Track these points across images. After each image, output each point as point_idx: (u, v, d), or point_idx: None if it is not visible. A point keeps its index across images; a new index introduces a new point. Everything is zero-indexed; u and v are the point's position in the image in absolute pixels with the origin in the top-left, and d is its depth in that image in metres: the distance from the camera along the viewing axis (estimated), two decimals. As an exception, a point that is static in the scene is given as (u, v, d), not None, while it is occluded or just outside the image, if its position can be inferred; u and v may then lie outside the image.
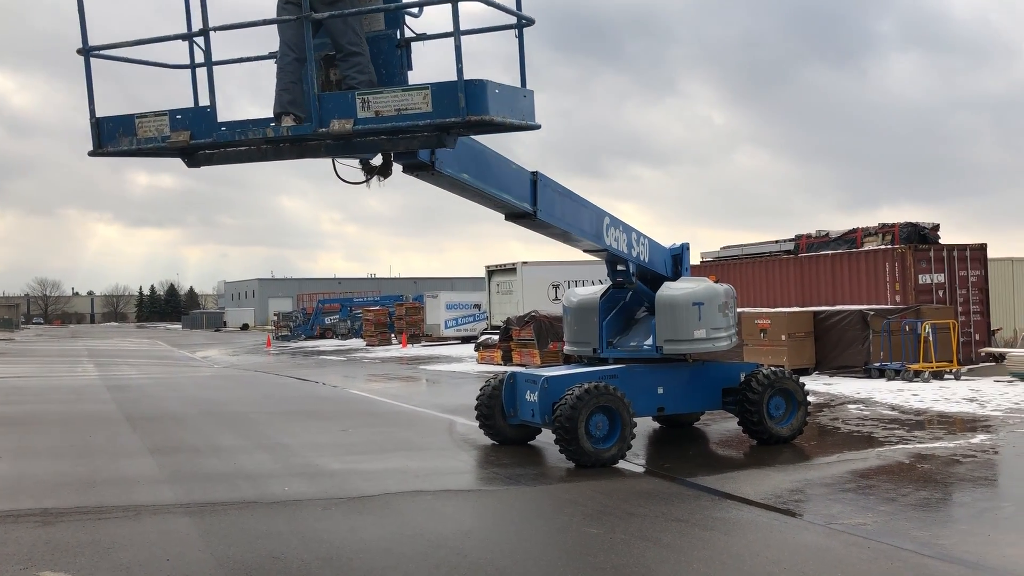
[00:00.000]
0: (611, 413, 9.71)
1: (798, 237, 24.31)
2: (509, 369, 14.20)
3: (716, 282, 11.34)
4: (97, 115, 7.03)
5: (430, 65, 7.49)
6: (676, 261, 11.39)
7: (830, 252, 22.47)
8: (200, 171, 7.61)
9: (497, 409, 10.99)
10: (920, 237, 21.11)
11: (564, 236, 9.94)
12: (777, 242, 25.00)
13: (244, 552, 6.42)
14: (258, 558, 6.27)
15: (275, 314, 68.90)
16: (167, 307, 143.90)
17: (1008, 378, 16.89)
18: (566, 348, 11.73)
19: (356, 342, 47.86)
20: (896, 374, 17.71)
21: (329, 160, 7.45)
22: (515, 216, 9.23)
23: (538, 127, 6.78)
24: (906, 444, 10.55)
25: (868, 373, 18.40)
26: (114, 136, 7.05)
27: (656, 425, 12.49)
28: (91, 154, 7.21)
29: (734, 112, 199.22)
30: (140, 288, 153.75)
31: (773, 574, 5.75)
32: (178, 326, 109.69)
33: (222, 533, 6.98)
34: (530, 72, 6.89)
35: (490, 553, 6.35)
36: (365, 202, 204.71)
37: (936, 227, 21.61)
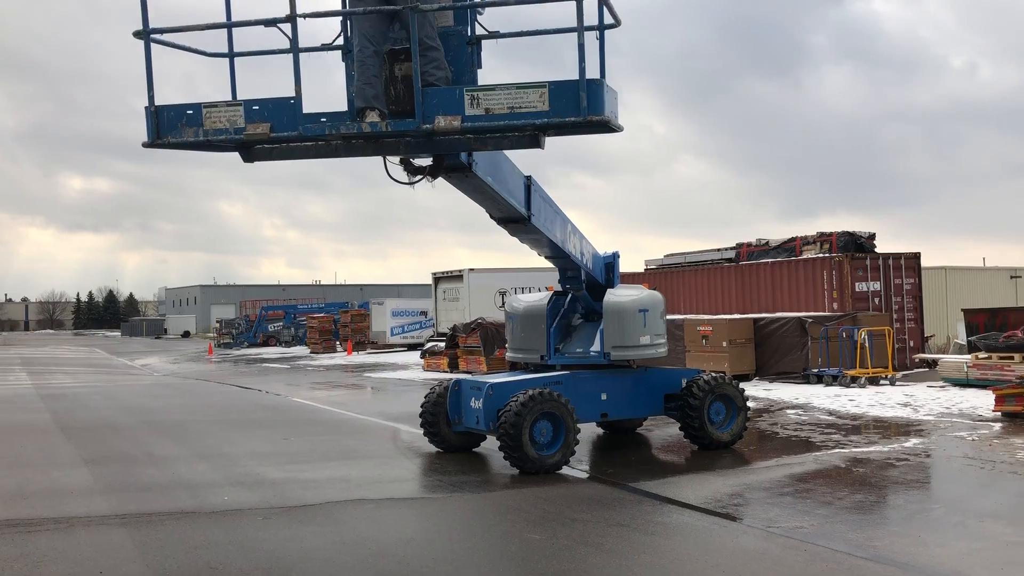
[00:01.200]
0: (555, 419, 9.76)
1: (739, 245, 24.73)
2: (454, 376, 14.17)
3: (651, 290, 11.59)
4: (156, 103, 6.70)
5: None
6: (608, 269, 11.51)
7: (770, 260, 22.90)
8: (135, 175, 7.45)
9: (442, 416, 10.96)
10: (857, 246, 21.63)
11: (539, 242, 9.95)
12: (719, 250, 25.40)
13: (181, 563, 6.31)
14: (195, 569, 6.16)
15: (217, 321, 67.74)
16: (106, 314, 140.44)
17: (940, 383, 17.37)
18: (510, 355, 11.76)
19: (300, 350, 47.31)
20: (834, 380, 18.10)
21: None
22: (509, 220, 9.21)
23: (623, 129, 6.70)
24: (842, 448, 10.78)
25: (807, 379, 18.76)
26: (175, 126, 6.70)
27: (600, 431, 12.58)
28: (147, 145, 6.82)
29: (674, 122, 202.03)
30: (77, 294, 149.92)
31: (712, 577, 5.83)
32: (117, 333, 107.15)
33: (158, 544, 6.85)
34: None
35: (432, 561, 6.33)
36: (307, 208, 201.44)
37: (872, 236, 22.17)
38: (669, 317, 21.98)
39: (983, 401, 13.98)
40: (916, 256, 21.86)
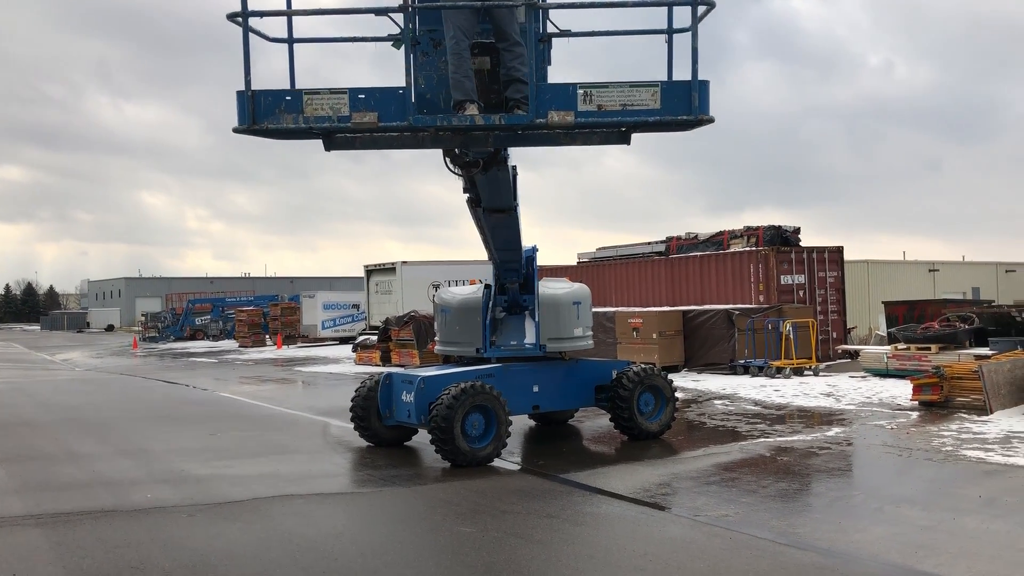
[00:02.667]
0: (487, 412, 9.76)
1: (669, 239, 25.08)
2: (386, 370, 14.07)
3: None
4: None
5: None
6: (529, 263, 11.56)
7: (699, 254, 23.28)
8: (49, 163, 7.16)
9: (373, 410, 10.87)
10: (782, 240, 22.12)
11: (509, 233, 9.96)
12: (649, 244, 25.73)
13: (100, 563, 6.13)
14: (115, 569, 6.00)
15: (143, 315, 66.07)
16: (24, 307, 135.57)
17: (862, 374, 17.89)
18: (442, 348, 11.67)
19: (229, 343, 46.43)
20: (760, 370, 18.49)
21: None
22: (498, 210, 9.22)
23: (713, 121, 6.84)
24: (767, 438, 11.03)
25: (733, 370, 19.14)
26: (272, 112, 6.47)
27: (532, 423, 12.63)
28: (239, 131, 6.56)
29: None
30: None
31: (640, 567, 5.90)
32: (36, 327, 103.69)
33: (76, 544, 6.64)
34: (395, 68, 6.88)
35: (361, 556, 6.27)
36: (232, 198, 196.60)
37: (797, 230, 22.69)
38: (602, 310, 22.26)
39: (902, 391, 14.44)
40: (839, 250, 22.44)
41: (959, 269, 43.91)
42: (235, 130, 6.62)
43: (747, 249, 22.03)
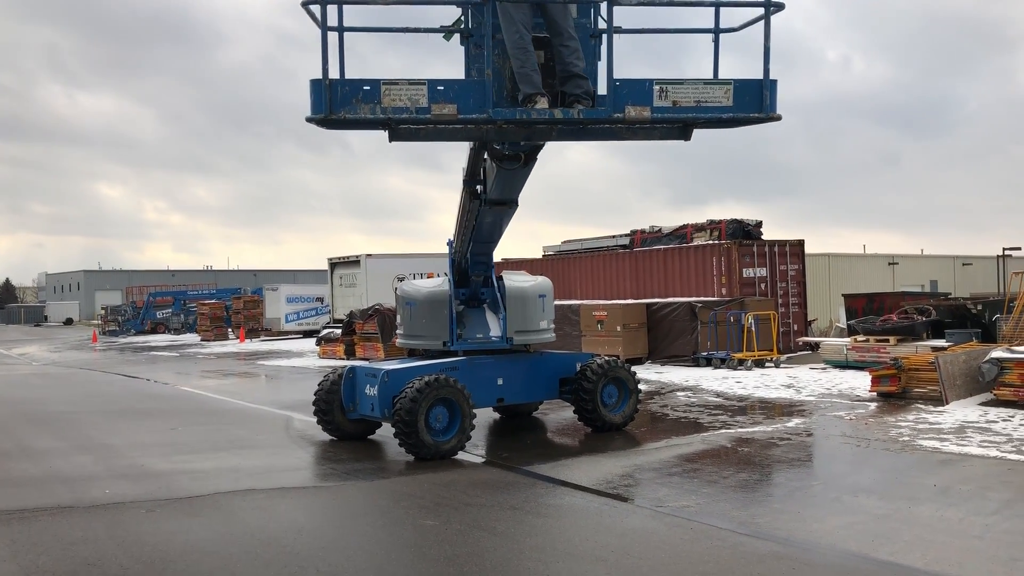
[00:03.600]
0: (451, 405, 9.75)
1: (633, 232, 25.20)
2: (350, 363, 14.00)
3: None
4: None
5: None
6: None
7: (662, 247, 23.42)
8: (1, 153, 6.94)
9: (336, 404, 10.81)
10: (745, 233, 22.33)
11: (497, 225, 9.99)
12: (614, 237, 25.83)
13: (56, 560, 6.04)
14: (71, 566, 5.91)
15: (103, 308, 65.08)
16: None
17: (822, 365, 18.13)
18: (406, 341, 11.58)
19: (191, 337, 45.91)
20: (722, 362, 18.67)
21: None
22: (501, 202, 9.23)
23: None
24: (729, 429, 11.14)
25: (696, 362, 19.30)
26: (349, 101, 6.34)
27: (496, 416, 12.64)
28: (313, 120, 6.43)
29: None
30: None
31: (601, 557, 5.93)
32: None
33: (31, 541, 6.53)
34: (354, 58, 6.84)
35: (323, 550, 6.24)
36: (191, 190, 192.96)
37: (759, 224, 22.92)
38: (567, 302, 22.33)
39: (861, 382, 14.66)
40: (800, 243, 22.70)
41: (918, 262, 44.65)
42: (309, 119, 6.53)
43: (710, 242, 22.21)
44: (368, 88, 6.46)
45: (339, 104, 6.44)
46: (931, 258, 46.49)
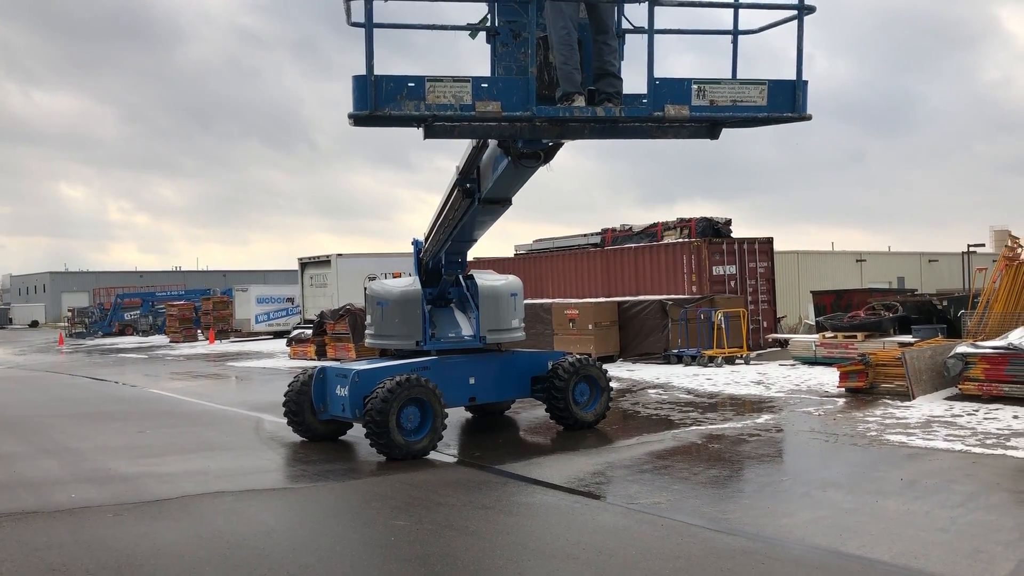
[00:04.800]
0: (422, 405, 9.72)
1: (604, 231, 25.30)
2: (320, 364, 13.91)
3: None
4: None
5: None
6: None
7: (633, 245, 23.53)
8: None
9: (306, 405, 10.74)
10: (714, 231, 22.49)
11: (484, 224, 9.95)
12: (585, 235, 25.91)
13: (19, 566, 5.94)
14: (36, 572, 5.82)
15: (69, 310, 64.20)
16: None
17: (791, 362, 18.29)
18: (377, 341, 11.52)
19: (159, 339, 45.43)
20: (692, 360, 18.78)
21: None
22: (496, 201, 9.18)
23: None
24: (700, 426, 11.21)
25: (667, 359, 19.40)
26: (394, 98, 6.23)
27: (468, 415, 12.63)
28: (357, 116, 6.30)
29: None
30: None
31: (573, 555, 5.94)
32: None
33: (-5, 547, 6.42)
34: (317, 57, 6.79)
35: (293, 551, 6.19)
36: (156, 190, 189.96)
37: (728, 222, 23.09)
38: (538, 301, 22.35)
39: (829, 378, 14.81)
40: (769, 241, 22.90)
41: (885, 259, 45.22)
42: (352, 115, 6.46)
43: (680, 241, 22.34)
44: (413, 84, 6.41)
45: (383, 101, 6.39)
46: (898, 255, 47.10)
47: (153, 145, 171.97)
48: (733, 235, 22.73)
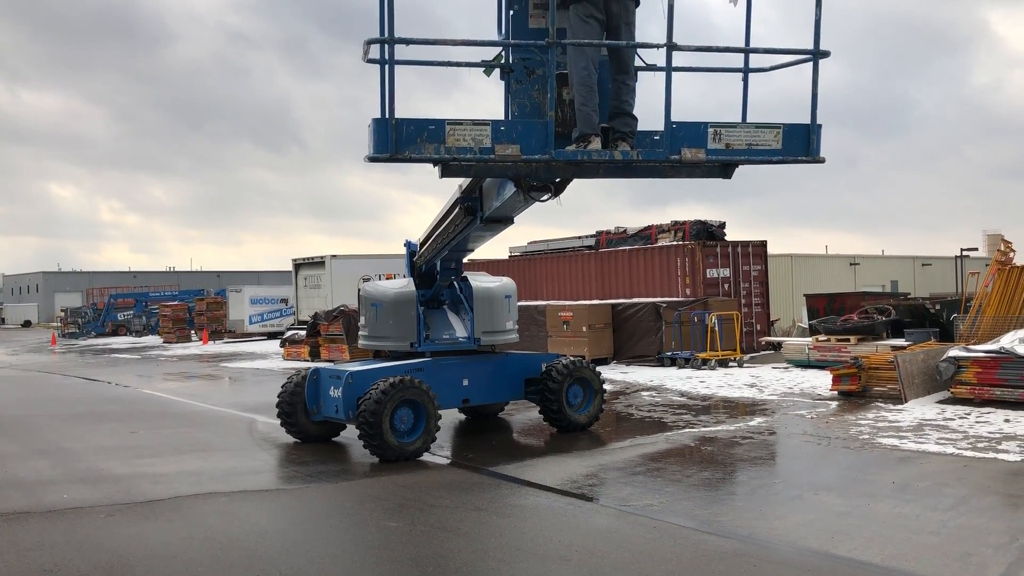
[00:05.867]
0: (416, 406, 9.72)
1: (599, 233, 25.30)
2: (313, 365, 13.91)
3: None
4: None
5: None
6: None
7: (627, 248, 23.54)
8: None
9: (300, 406, 10.74)
10: (708, 234, 22.52)
11: (483, 238, 9.93)
12: (580, 238, 25.91)
13: (11, 566, 5.93)
14: (28, 572, 5.81)
15: (62, 310, 64.04)
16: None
17: (784, 365, 18.34)
18: (372, 343, 11.52)
19: (153, 339, 45.32)
20: (686, 362, 18.81)
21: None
22: (499, 220, 9.18)
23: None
24: (693, 428, 11.23)
25: (661, 362, 19.43)
26: (414, 141, 6.21)
27: (462, 416, 12.63)
28: (376, 159, 6.29)
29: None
30: None
31: (566, 557, 5.96)
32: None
33: (-13, 548, 6.41)
34: (306, 56, 6.80)
35: (286, 553, 6.19)
36: (147, 190, 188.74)
37: (722, 225, 23.12)
38: (533, 303, 22.37)
39: (822, 381, 14.85)
40: (763, 244, 22.95)
41: (879, 263, 45.35)
42: (372, 159, 6.50)
43: (674, 243, 22.37)
44: (433, 128, 6.44)
45: (404, 144, 6.41)
46: (891, 258, 47.24)
47: (143, 145, 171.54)
48: (727, 238, 22.76)
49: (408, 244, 11.23)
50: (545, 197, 7.85)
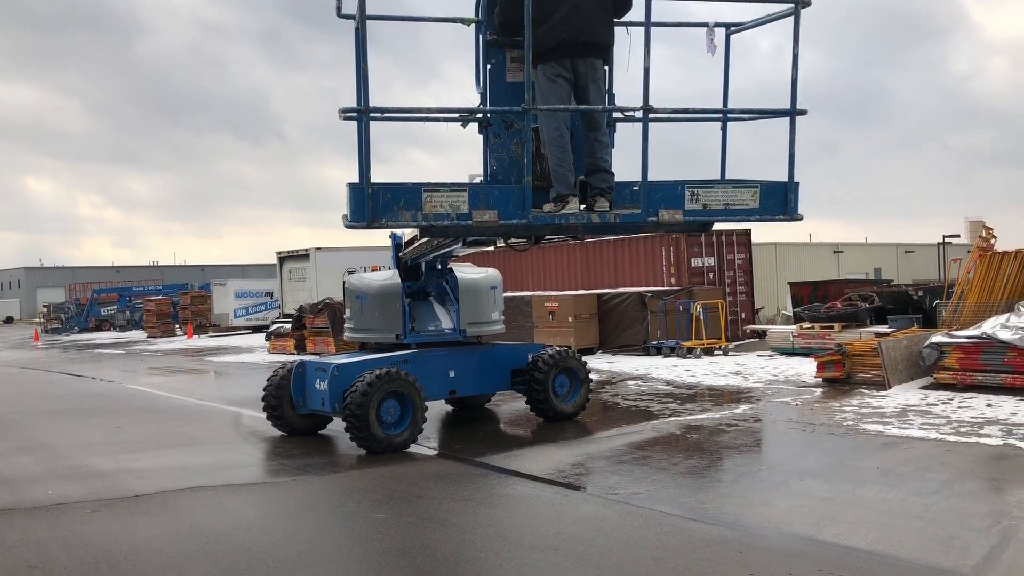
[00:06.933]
0: (402, 398, 9.71)
1: (584, 223, 25.29)
2: (299, 358, 13.87)
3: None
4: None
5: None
6: None
7: (612, 238, 23.55)
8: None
9: (285, 399, 10.71)
10: (693, 223, 22.53)
11: (469, 250, 10.02)
12: (565, 228, 25.90)
13: (-3, 564, 5.89)
14: (13, 569, 5.78)
15: (45, 305, 63.55)
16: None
17: (769, 353, 18.43)
18: (357, 335, 11.47)
19: (137, 334, 45.07)
20: (671, 351, 18.87)
21: None
22: (484, 243, 9.22)
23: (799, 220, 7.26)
24: (679, 416, 11.28)
25: (646, 351, 19.49)
26: (391, 209, 6.19)
27: (449, 408, 12.63)
28: (353, 227, 6.32)
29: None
30: None
31: (553, 546, 5.97)
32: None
33: (-29, 545, 6.37)
34: (282, 47, 6.79)
35: (273, 546, 6.19)
36: (126, 184, 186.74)
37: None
38: (519, 294, 22.37)
39: (807, 368, 14.93)
40: (747, 233, 23.01)
41: (862, 250, 45.62)
42: (349, 227, 6.49)
43: (659, 233, 22.39)
44: (409, 195, 6.39)
45: (380, 212, 6.37)
46: (875, 246, 47.53)
47: (120, 138, 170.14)
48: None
49: (393, 236, 11.20)
50: (524, 246, 7.95)
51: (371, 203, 6.32)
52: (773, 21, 7.13)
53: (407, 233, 10.83)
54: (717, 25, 7.35)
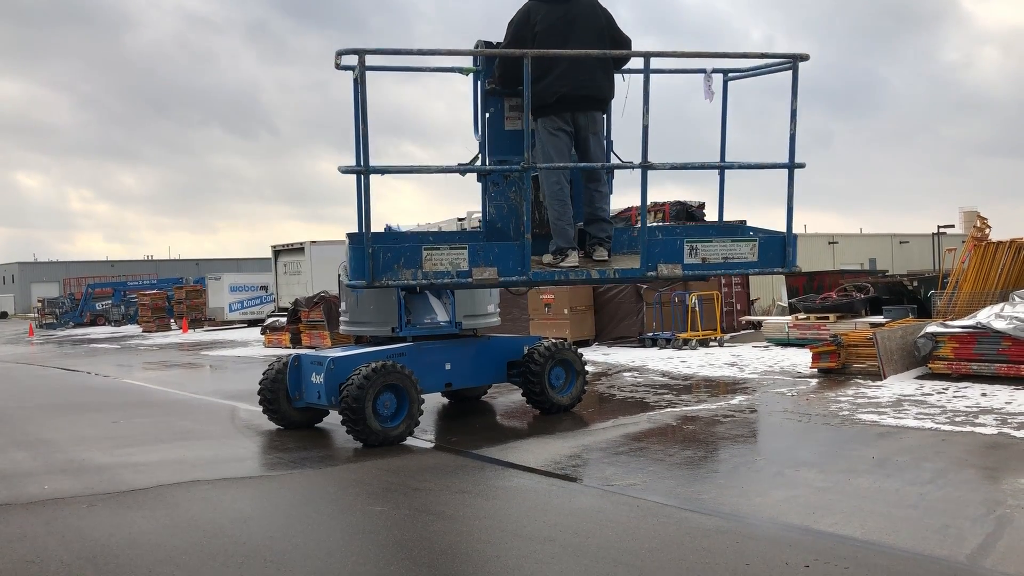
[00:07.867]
0: (399, 391, 9.71)
1: (580, 215, 25.29)
2: (295, 351, 13.87)
3: None
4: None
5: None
6: None
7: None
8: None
9: (282, 393, 10.70)
10: (688, 215, 22.53)
11: None
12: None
13: (-7, 559, 5.89)
14: (9, 564, 5.77)
15: (39, 300, 63.43)
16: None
17: (764, 344, 18.47)
18: (352, 328, 11.50)
19: (132, 328, 45.03)
20: (667, 343, 18.90)
21: None
22: None
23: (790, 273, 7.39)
24: (674, 407, 11.30)
25: (642, 342, 19.51)
26: (391, 268, 6.19)
27: (445, 400, 12.64)
28: (355, 287, 6.36)
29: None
30: None
31: (550, 537, 5.98)
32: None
33: (-33, 540, 6.36)
34: (270, 40, 6.80)
35: (269, 539, 6.19)
36: (117, 178, 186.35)
37: (702, 205, 23.14)
38: (512, 286, 22.33)
39: (802, 359, 14.96)
40: (742, 223, 22.97)
41: (857, 241, 45.70)
42: (348, 286, 6.51)
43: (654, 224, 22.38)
44: (410, 254, 6.36)
45: (381, 271, 6.35)
46: (869, 237, 47.60)
47: (110, 132, 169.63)
48: (706, 218, 22.80)
49: (388, 228, 11.18)
50: (523, 291, 8.04)
51: (371, 263, 6.31)
52: (771, 73, 7.13)
53: (404, 225, 10.83)
54: (715, 71, 7.35)
